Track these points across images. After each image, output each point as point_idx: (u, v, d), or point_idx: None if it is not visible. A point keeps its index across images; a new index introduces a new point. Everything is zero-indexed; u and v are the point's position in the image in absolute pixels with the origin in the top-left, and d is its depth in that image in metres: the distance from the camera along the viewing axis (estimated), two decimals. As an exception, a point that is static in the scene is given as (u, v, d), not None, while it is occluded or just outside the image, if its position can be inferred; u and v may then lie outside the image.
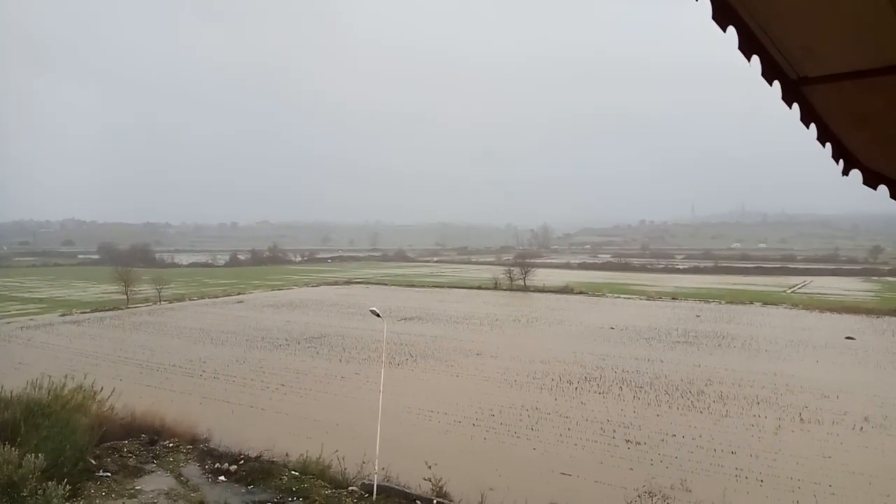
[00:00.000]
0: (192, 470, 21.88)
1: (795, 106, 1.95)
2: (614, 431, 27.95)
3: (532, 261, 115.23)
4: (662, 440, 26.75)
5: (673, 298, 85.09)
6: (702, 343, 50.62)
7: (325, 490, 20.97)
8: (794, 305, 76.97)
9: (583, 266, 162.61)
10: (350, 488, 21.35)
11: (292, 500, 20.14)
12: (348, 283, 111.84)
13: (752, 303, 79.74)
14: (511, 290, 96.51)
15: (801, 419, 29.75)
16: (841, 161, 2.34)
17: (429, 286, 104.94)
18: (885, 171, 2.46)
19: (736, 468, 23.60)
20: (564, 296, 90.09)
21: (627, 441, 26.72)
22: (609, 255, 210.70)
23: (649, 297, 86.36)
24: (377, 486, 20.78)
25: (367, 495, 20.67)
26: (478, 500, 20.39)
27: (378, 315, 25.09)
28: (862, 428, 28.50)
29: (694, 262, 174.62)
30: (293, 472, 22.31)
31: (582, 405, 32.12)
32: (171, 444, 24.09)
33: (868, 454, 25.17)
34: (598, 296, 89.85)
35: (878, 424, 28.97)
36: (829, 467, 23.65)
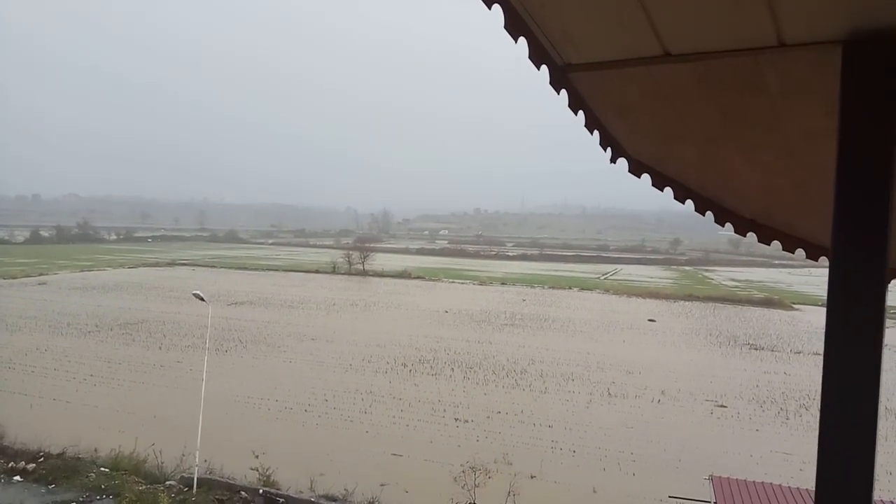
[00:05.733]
0: (-25, 473, 19.08)
1: (564, 92, 1.97)
2: (444, 411, 28.89)
3: (371, 245, 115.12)
4: (488, 417, 28.15)
5: (503, 284, 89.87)
6: (526, 325, 54.04)
7: (139, 486, 19.44)
8: (606, 291, 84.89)
9: (421, 251, 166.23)
10: (168, 483, 20.04)
11: (101, 499, 18.40)
12: (171, 264, 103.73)
13: (571, 288, 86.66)
14: (350, 274, 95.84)
15: (609, 394, 32.89)
16: (609, 149, 2.44)
17: (262, 269, 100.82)
18: (645, 159, 2.63)
19: (552, 440, 25.51)
20: (402, 280, 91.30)
21: (456, 419, 27.76)
22: (446, 242, 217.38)
23: (482, 283, 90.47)
24: (198, 478, 19.62)
25: (186, 489, 19.44)
26: (307, 486, 20.09)
27: (202, 299, 23.55)
28: (659, 401, 32.14)
29: (523, 249, 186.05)
30: (103, 469, 20.44)
31: (415, 387, 32.79)
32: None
33: (663, 424, 28.46)
34: (434, 280, 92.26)
35: (672, 397, 32.84)
36: (631, 437, 26.38)
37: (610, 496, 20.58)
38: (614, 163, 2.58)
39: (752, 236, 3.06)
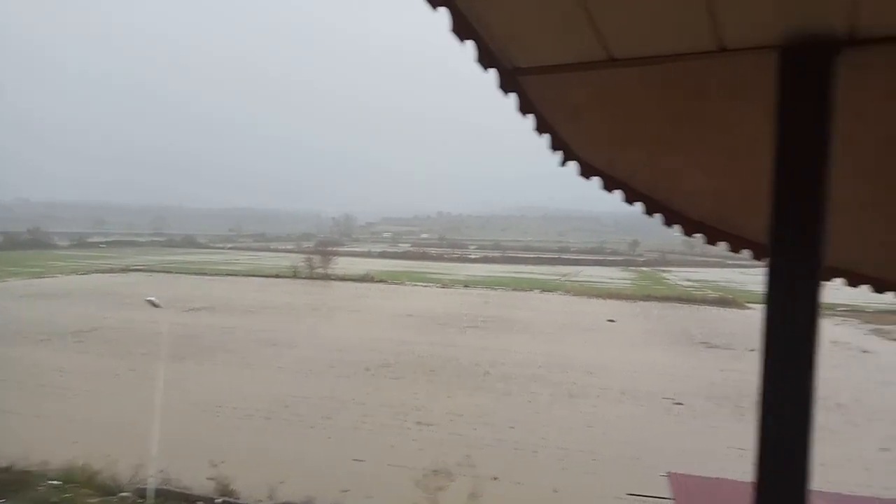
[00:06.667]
0: None
1: (514, 95, 1.99)
2: (407, 415, 28.78)
3: (334, 249, 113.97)
4: (451, 420, 28.15)
5: (466, 286, 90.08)
6: (489, 327, 54.28)
7: (91, 499, 18.88)
8: (567, 292, 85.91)
9: (384, 255, 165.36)
10: (122, 494, 19.49)
11: (50, 514, 17.77)
12: (126, 270, 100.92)
13: (532, 290, 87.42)
14: (311, 278, 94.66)
15: (570, 394, 33.26)
16: (560, 152, 2.47)
17: (222, 274, 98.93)
18: (596, 162, 2.67)
19: (515, 441, 25.66)
20: (365, 284, 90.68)
21: (419, 423, 27.69)
22: (409, 245, 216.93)
23: (445, 285, 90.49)
24: (154, 489, 19.09)
25: (141, 500, 18.92)
26: (267, 494, 19.75)
27: (157, 305, 22.97)
28: (620, 401, 32.65)
29: (485, 251, 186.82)
30: (53, 482, 19.72)
31: (377, 391, 32.58)
32: None
33: (622, 423, 28.91)
34: (397, 284, 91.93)
35: (631, 396, 33.39)
36: (591, 436, 26.71)
37: (570, 495, 20.80)
38: (565, 166, 2.60)
39: (699, 237, 3.13)
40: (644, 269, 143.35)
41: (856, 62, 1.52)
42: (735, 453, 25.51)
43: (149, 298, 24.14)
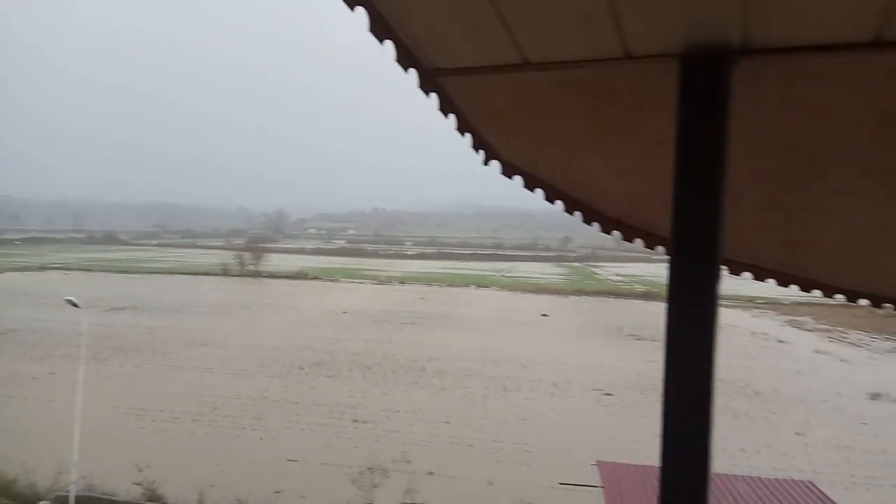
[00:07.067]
0: None
1: (434, 95, 2.02)
2: (342, 413, 28.53)
3: (265, 245, 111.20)
4: (387, 417, 28.10)
5: (402, 283, 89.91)
6: (425, 324, 54.41)
7: (6, 510, 17.88)
8: (502, 288, 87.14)
9: (318, 251, 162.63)
10: (41, 503, 18.56)
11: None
12: (43, 268, 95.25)
13: (468, 285, 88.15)
14: (242, 276, 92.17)
15: (504, 388, 33.80)
16: (482, 151, 2.53)
17: (146, 272, 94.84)
18: (517, 162, 2.75)
19: (450, 436, 25.88)
20: (299, 281, 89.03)
21: (354, 421, 27.50)
22: (344, 241, 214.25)
23: (380, 282, 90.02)
24: (76, 496, 18.22)
25: (60, 511, 18.03)
26: (196, 498, 19.18)
27: (76, 305, 21.87)
28: (552, 393, 33.41)
29: (421, 248, 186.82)
30: (-38, 494, 18.56)
31: (312, 390, 32.14)
32: None
33: (554, 415, 29.62)
34: (332, 281, 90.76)
35: (563, 388, 34.24)
36: (525, 429, 27.25)
37: (504, 487, 21.17)
38: (487, 164, 2.65)
39: (617, 235, 3.26)
40: (576, 264, 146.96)
41: (751, 71, 1.61)
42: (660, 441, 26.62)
43: (68, 298, 22.87)
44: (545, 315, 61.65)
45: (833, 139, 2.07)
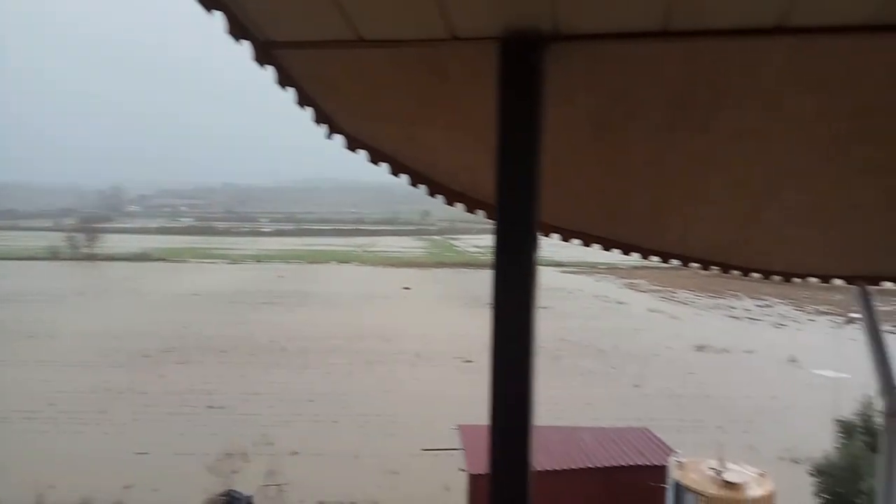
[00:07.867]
0: None
1: (271, 68, 1.99)
2: (196, 400, 27.10)
3: (101, 226, 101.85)
4: (246, 400, 27.15)
5: (258, 261, 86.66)
6: (284, 303, 53.01)
7: None
8: (363, 263, 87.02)
9: (162, 230, 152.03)
10: None
11: None
12: None
13: (329, 262, 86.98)
14: (75, 259, 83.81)
15: (368, 362, 33.95)
16: (325, 126, 2.52)
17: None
18: (360, 136, 2.77)
19: (314, 414, 25.59)
20: (141, 263, 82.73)
21: (210, 407, 26.26)
22: (192, 219, 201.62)
23: (234, 261, 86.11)
24: None
25: None
26: (34, 501, 17.41)
27: None
28: (415, 363, 34.06)
29: (278, 224, 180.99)
30: None
31: (161, 378, 30.18)
32: None
33: (418, 384, 30.28)
34: (179, 262, 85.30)
35: (426, 358, 35.04)
36: (389, 400, 27.61)
37: (370, 459, 21.36)
38: (331, 139, 2.62)
39: (460, 206, 3.36)
40: (436, 237, 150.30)
41: (562, 55, 1.76)
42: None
43: None
44: (407, 288, 62.53)
45: (634, 118, 2.30)
